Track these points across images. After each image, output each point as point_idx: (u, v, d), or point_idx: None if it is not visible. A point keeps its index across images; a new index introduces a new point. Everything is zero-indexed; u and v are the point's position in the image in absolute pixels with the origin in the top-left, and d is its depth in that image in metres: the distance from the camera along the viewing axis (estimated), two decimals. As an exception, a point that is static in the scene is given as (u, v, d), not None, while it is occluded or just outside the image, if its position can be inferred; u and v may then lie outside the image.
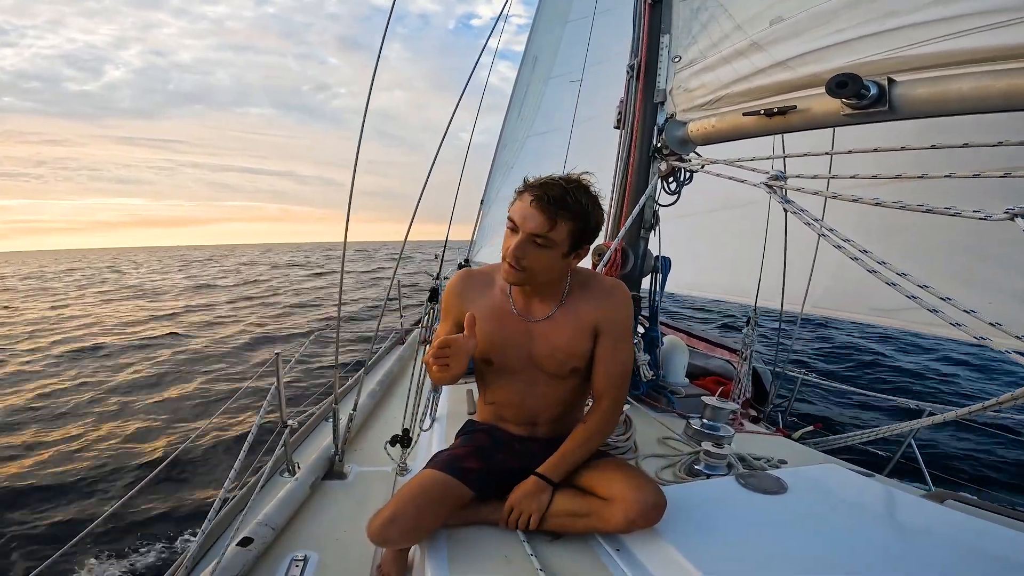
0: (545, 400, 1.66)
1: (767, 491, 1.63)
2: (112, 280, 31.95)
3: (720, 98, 2.38)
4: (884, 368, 9.16)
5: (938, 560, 1.32)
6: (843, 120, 1.82)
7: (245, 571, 1.81)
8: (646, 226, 2.82)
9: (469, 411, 2.69)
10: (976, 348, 9.91)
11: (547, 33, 7.83)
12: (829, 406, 6.66)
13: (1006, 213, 1.27)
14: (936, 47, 1.55)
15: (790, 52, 2.04)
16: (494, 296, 1.63)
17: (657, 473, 2.16)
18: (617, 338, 1.59)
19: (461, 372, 1.41)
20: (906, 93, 1.63)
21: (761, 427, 2.97)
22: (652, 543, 1.40)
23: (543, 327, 1.58)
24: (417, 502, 1.44)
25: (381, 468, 2.71)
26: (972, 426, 5.27)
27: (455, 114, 3.05)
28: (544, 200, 1.38)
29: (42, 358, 9.63)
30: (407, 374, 3.93)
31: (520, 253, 1.42)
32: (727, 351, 4.34)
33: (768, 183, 1.85)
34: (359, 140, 2.42)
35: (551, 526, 1.52)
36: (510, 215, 1.45)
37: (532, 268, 1.45)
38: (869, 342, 10.80)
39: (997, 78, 1.42)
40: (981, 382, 8.35)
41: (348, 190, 2.52)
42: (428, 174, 2.88)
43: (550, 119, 7.34)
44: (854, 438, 2.71)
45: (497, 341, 1.59)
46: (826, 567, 1.26)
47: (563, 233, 1.41)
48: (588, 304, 1.58)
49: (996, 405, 1.85)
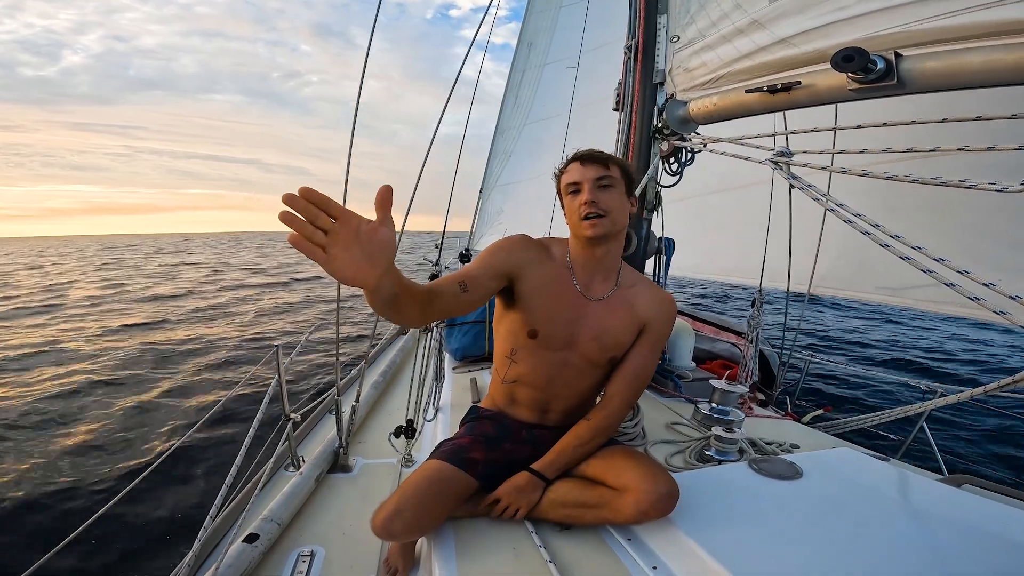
0: (568, 387, 1.64)
1: (781, 476, 1.60)
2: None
3: (721, 76, 2.34)
4: (896, 348, 9.15)
5: (957, 544, 1.30)
6: (849, 95, 1.79)
7: (251, 568, 1.79)
8: (649, 207, 2.78)
9: (473, 400, 2.67)
10: (989, 327, 9.89)
11: (541, 18, 7.77)
12: (839, 388, 6.63)
13: (1023, 184, 1.23)
14: (944, 22, 1.52)
15: (793, 29, 2.00)
16: (555, 267, 1.61)
17: (667, 460, 2.13)
18: (655, 345, 1.63)
19: (354, 279, 0.96)
20: (914, 67, 1.59)
21: (770, 411, 2.94)
22: (665, 532, 1.37)
23: (599, 308, 1.59)
24: (421, 495, 1.42)
25: (386, 460, 2.69)
26: (987, 408, 5.25)
27: (446, 107, 3.00)
28: (590, 154, 1.54)
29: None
30: (409, 364, 3.90)
31: (595, 197, 1.49)
32: (733, 334, 4.30)
33: (774, 159, 1.81)
34: (351, 136, 2.39)
35: (559, 518, 1.50)
36: (568, 182, 1.54)
37: (610, 209, 1.50)
38: (877, 323, 10.79)
39: (1008, 51, 1.39)
40: (992, 363, 8.33)
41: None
42: (420, 171, 2.83)
43: (547, 106, 7.29)
44: (865, 420, 2.68)
45: (552, 313, 1.57)
46: (844, 553, 1.24)
47: (617, 172, 1.53)
48: (643, 300, 1.63)
49: (1012, 384, 1.82)
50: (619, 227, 1.54)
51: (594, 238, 1.51)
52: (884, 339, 9.97)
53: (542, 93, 7.54)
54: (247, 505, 2.03)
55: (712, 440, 2.13)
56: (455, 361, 3.52)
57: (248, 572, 1.77)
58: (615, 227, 1.52)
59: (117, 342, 10.08)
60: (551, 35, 7.53)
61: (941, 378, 7.38)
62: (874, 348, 9.22)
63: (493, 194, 7.87)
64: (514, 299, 1.58)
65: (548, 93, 7.40)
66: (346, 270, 0.93)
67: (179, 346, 9.68)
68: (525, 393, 1.68)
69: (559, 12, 7.51)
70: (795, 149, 1.91)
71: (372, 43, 2.53)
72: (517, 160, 7.67)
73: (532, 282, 1.55)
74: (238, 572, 1.73)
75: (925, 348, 9.27)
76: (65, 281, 23.26)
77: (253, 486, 2.23)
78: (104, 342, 10.15)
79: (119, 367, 8.21)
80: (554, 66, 7.38)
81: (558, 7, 7.52)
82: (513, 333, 1.63)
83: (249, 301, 16.36)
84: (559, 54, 7.32)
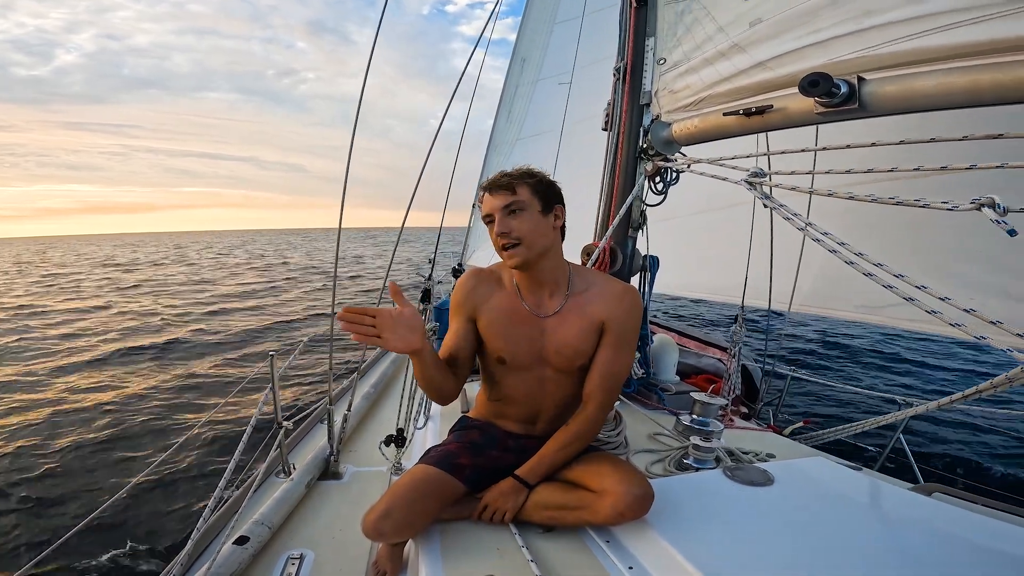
0: (551, 399, 1.69)
1: (754, 483, 1.66)
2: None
3: (703, 99, 2.42)
4: (878, 363, 9.25)
5: (925, 551, 1.34)
6: (816, 119, 1.86)
7: (241, 569, 1.83)
8: (634, 225, 2.86)
9: (463, 410, 2.72)
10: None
11: (536, 34, 7.84)
12: (821, 403, 6.72)
13: (972, 203, 1.31)
14: (903, 46, 1.59)
15: (769, 53, 2.08)
16: (505, 294, 1.66)
17: (647, 468, 2.19)
18: (619, 342, 1.61)
19: (407, 348, 1.40)
20: (875, 91, 1.66)
21: (752, 424, 3.01)
22: (641, 535, 1.43)
23: (553, 322, 1.62)
24: (410, 497, 1.48)
25: (376, 468, 2.74)
26: (961, 420, 5.34)
27: (448, 110, 3.09)
28: (496, 182, 1.54)
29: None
30: (401, 376, 3.95)
31: (505, 228, 1.50)
32: (718, 350, 4.38)
33: (748, 180, 1.89)
34: (352, 137, 2.45)
35: (542, 519, 1.56)
36: (483, 214, 1.56)
37: (523, 235, 1.50)
38: (859, 338, 10.89)
39: (960, 75, 1.46)
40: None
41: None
42: (420, 173, 2.90)
43: (540, 122, 7.35)
44: (842, 431, 2.75)
45: (511, 339, 1.63)
46: (814, 557, 1.29)
47: (526, 192, 1.52)
48: (597, 301, 1.61)
49: (976, 394, 1.89)
50: (538, 249, 1.54)
51: (516, 267, 1.57)
52: (868, 348, 10.12)
53: (535, 109, 7.60)
54: (239, 509, 2.07)
55: (690, 449, 2.20)
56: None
57: (238, 573, 1.82)
58: (532, 251, 1.52)
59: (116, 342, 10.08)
60: (544, 52, 7.61)
61: (924, 387, 7.52)
62: (859, 363, 9.33)
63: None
64: (478, 333, 1.69)
65: (541, 109, 7.47)
66: (398, 343, 1.36)
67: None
68: (512, 409, 1.75)
69: (553, 28, 7.59)
70: (774, 170, 1.99)
71: (377, 42, 2.59)
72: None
73: (487, 316, 1.65)
74: (228, 573, 1.78)
75: (910, 359, 9.40)
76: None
77: (245, 491, 2.28)
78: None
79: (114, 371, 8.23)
80: (546, 82, 7.46)
81: (552, 23, 7.61)
82: (487, 361, 1.73)
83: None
84: (552, 70, 7.40)
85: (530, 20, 8.04)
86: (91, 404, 6.78)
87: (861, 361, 9.42)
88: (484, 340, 1.68)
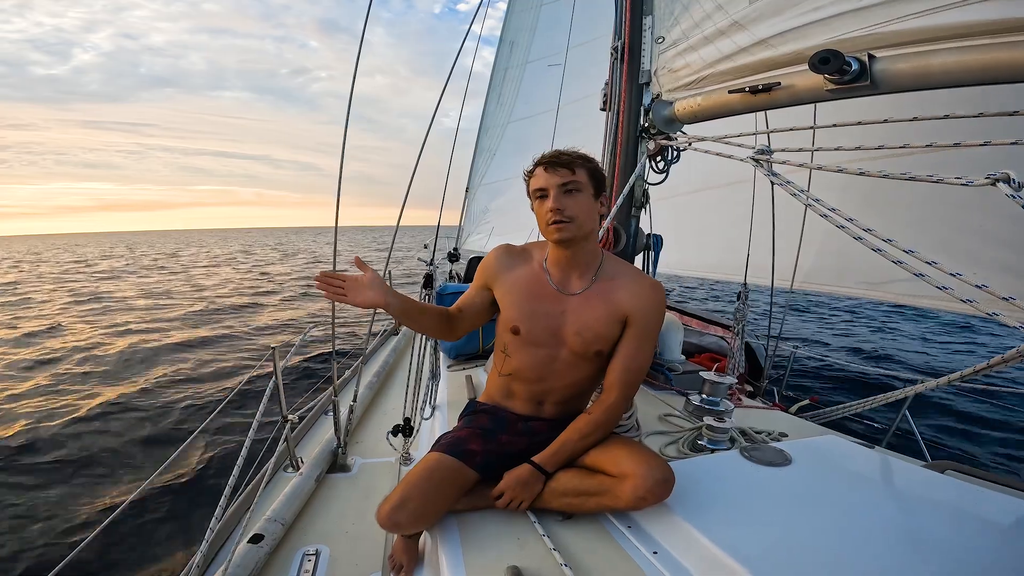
0: (561, 379, 1.69)
1: (772, 463, 1.66)
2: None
3: (705, 77, 2.40)
4: (883, 340, 9.32)
5: (941, 528, 1.34)
6: (826, 95, 1.85)
7: (258, 568, 1.82)
8: (636, 205, 2.84)
9: (470, 396, 2.71)
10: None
11: (523, 16, 7.79)
12: (825, 379, 6.76)
13: (987, 179, 1.30)
14: (914, 23, 1.57)
15: (771, 30, 2.06)
16: (531, 269, 1.69)
17: (661, 450, 2.19)
18: (643, 335, 1.62)
19: (369, 303, 1.54)
20: (887, 68, 1.65)
21: (758, 402, 3.01)
22: (663, 519, 1.42)
23: (576, 302, 1.63)
24: (424, 485, 1.47)
25: (384, 459, 2.73)
26: (969, 395, 5.37)
27: (440, 101, 3.03)
28: (556, 158, 1.55)
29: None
30: (404, 363, 3.93)
31: (560, 204, 1.52)
32: (721, 328, 4.38)
33: (755, 157, 1.87)
34: (345, 132, 2.41)
35: (561, 506, 1.55)
36: (535, 188, 1.58)
37: (576, 215, 1.53)
38: (864, 315, 10.96)
39: (975, 52, 1.45)
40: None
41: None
42: (416, 165, 2.87)
43: (531, 104, 7.32)
44: (850, 408, 2.75)
45: (528, 311, 1.65)
46: (833, 535, 1.29)
47: (584, 175, 1.55)
48: (625, 291, 1.62)
49: (986, 369, 1.89)
50: (586, 230, 1.57)
51: (560, 242, 1.57)
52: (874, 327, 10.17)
53: (525, 91, 7.57)
54: (250, 505, 2.06)
55: (704, 430, 2.20)
56: (449, 359, 3.56)
57: (256, 572, 1.81)
58: (581, 231, 1.55)
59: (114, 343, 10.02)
60: (532, 33, 7.57)
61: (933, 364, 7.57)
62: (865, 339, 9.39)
63: (479, 193, 7.90)
64: (495, 302, 1.75)
65: (531, 91, 7.44)
66: (361, 299, 1.53)
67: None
68: (520, 386, 1.74)
69: (540, 10, 7.54)
70: (776, 147, 1.97)
71: (364, 36, 2.56)
72: (502, 158, 7.71)
73: (505, 285, 1.70)
74: (246, 572, 1.77)
75: (915, 335, 9.47)
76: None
77: (255, 488, 2.26)
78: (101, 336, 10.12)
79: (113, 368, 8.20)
80: (536, 64, 7.42)
81: (539, 5, 7.55)
82: (502, 331, 1.73)
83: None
84: (541, 52, 7.35)
85: (516, 3, 7.98)
86: (83, 410, 6.73)
87: (864, 339, 9.47)
88: (501, 309, 1.73)
